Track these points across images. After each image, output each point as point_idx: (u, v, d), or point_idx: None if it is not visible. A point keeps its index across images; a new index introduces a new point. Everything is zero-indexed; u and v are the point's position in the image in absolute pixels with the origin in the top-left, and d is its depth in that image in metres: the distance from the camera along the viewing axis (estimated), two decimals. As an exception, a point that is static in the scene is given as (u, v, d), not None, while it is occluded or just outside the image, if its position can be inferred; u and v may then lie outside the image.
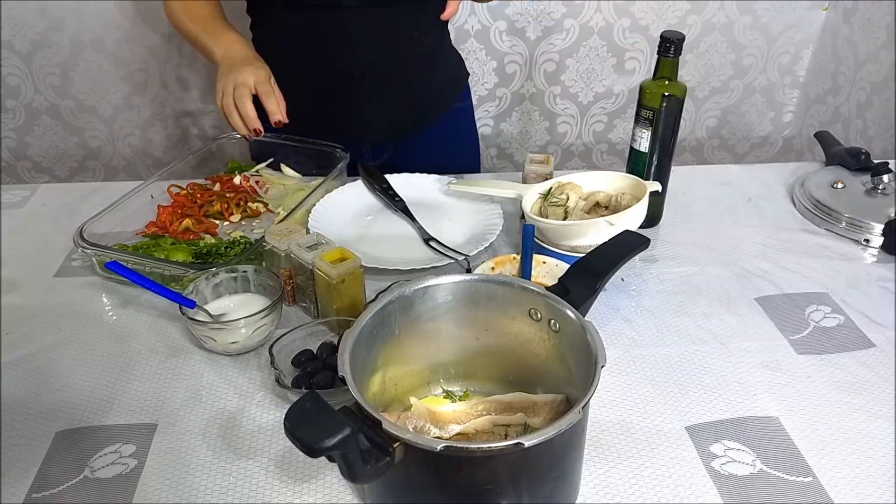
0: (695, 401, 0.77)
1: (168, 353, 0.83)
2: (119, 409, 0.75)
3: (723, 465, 0.69)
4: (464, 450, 0.53)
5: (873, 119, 1.82)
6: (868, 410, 0.75)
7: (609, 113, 2.10)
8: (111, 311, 0.91)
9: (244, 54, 1.11)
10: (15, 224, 1.10)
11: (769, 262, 1.00)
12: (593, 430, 0.72)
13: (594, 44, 1.97)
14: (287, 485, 0.67)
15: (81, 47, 1.86)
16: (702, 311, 0.90)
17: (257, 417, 0.74)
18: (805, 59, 2.12)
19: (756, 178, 1.23)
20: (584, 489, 0.67)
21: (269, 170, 1.19)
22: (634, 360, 0.82)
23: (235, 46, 1.12)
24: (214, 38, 1.14)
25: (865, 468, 0.69)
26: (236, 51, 1.11)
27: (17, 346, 0.84)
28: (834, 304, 0.91)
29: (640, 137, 1.00)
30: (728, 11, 2.00)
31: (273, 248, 0.88)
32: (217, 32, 1.15)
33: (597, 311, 0.89)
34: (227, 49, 1.12)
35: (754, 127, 2.25)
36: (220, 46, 1.12)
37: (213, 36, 1.14)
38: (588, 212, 0.99)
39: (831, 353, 0.83)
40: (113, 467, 0.69)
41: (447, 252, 0.97)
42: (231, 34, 1.15)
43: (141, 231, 1.04)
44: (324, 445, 0.50)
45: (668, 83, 0.96)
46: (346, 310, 0.82)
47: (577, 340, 0.63)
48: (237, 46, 1.12)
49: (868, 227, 1.03)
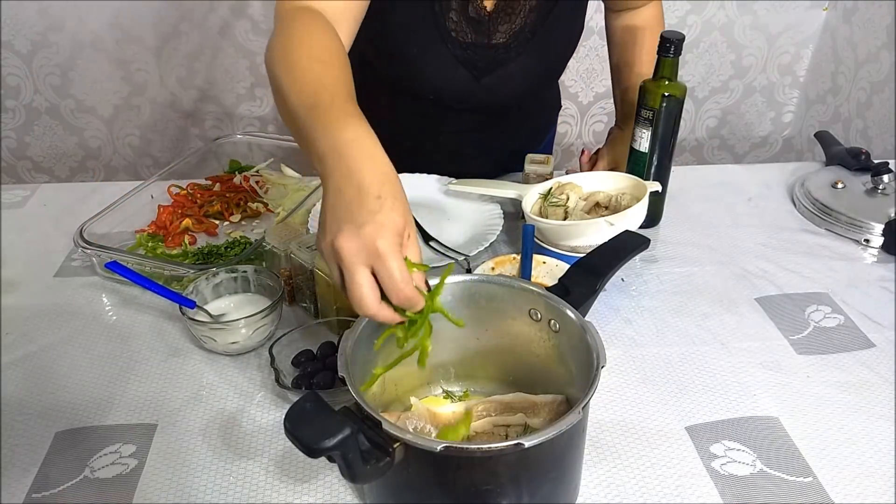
0: (695, 401, 0.77)
1: (168, 353, 0.83)
2: (119, 409, 0.75)
3: (723, 466, 0.69)
4: (464, 450, 0.53)
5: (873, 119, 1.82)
6: (868, 411, 0.75)
7: (609, 113, 2.10)
8: (111, 311, 0.91)
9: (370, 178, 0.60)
10: (15, 224, 1.09)
11: (769, 262, 1.00)
12: (593, 430, 0.72)
13: (594, 44, 1.98)
14: (287, 485, 0.67)
15: (81, 47, 1.86)
16: (702, 311, 0.90)
17: (257, 417, 0.74)
18: (805, 59, 2.12)
19: (756, 178, 1.23)
20: (584, 489, 0.67)
21: (269, 170, 1.19)
22: (634, 360, 0.82)
23: (356, 153, 0.61)
24: (326, 124, 0.64)
25: (865, 468, 0.69)
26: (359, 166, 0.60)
27: (17, 346, 0.84)
28: (834, 304, 0.91)
29: (640, 137, 1.00)
30: (728, 11, 2.00)
31: (273, 248, 0.88)
32: (332, 116, 0.65)
33: (597, 312, 0.89)
34: (340, 158, 0.61)
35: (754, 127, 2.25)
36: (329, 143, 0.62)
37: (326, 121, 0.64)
38: (588, 212, 0.99)
39: (831, 354, 0.83)
40: (113, 467, 0.69)
41: (447, 252, 0.97)
42: (356, 126, 0.63)
43: (141, 230, 1.04)
44: (324, 446, 0.50)
45: (668, 83, 0.96)
46: (346, 310, 0.82)
47: (578, 341, 0.63)
48: (360, 153, 0.61)
49: (868, 227, 1.03)
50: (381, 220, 0.57)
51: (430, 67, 1.04)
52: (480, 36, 1.02)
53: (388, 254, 0.57)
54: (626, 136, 1.07)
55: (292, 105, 0.68)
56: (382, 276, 0.58)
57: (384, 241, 0.57)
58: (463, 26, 1.01)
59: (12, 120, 1.96)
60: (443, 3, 0.99)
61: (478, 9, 1.00)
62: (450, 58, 1.03)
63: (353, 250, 0.57)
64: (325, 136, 0.63)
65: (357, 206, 0.58)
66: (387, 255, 0.57)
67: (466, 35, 1.02)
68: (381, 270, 0.57)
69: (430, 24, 1.00)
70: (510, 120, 1.18)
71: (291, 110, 0.69)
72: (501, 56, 1.04)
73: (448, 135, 1.17)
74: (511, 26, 1.02)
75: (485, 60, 1.04)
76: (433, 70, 1.04)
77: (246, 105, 2.03)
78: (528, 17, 1.02)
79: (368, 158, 0.61)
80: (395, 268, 0.57)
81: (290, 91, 0.69)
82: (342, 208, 0.59)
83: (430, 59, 1.03)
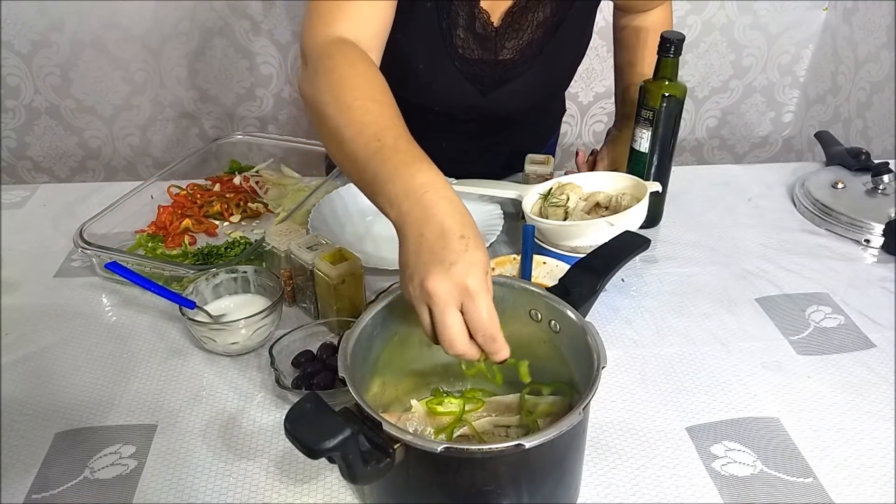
0: (695, 401, 0.77)
1: (168, 353, 0.83)
2: (119, 410, 0.75)
3: (723, 466, 0.69)
4: (464, 451, 0.53)
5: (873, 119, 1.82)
6: (868, 411, 0.75)
7: (609, 113, 2.10)
8: (111, 311, 0.91)
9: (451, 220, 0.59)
10: (15, 224, 1.09)
11: (769, 263, 1.00)
12: (594, 430, 0.72)
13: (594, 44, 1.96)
14: (287, 486, 0.67)
15: (81, 47, 1.86)
16: (702, 311, 0.90)
17: (257, 418, 0.74)
18: (805, 59, 2.12)
19: (756, 178, 1.23)
20: (584, 490, 0.66)
21: (269, 170, 1.19)
22: (635, 360, 0.82)
23: (432, 196, 0.60)
24: (396, 169, 0.63)
25: (866, 469, 0.69)
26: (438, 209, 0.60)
27: (17, 347, 0.84)
28: (834, 304, 0.91)
29: (641, 138, 1.00)
30: (728, 11, 2.00)
31: (273, 248, 0.88)
32: (401, 161, 0.63)
33: (597, 312, 0.89)
34: (417, 203, 0.60)
35: (754, 127, 2.25)
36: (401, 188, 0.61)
37: (395, 165, 0.63)
38: (588, 212, 0.99)
39: (832, 354, 0.83)
40: (113, 468, 0.69)
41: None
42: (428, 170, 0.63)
43: (141, 230, 1.04)
44: (324, 447, 0.50)
45: (668, 83, 0.96)
46: (346, 310, 0.82)
47: (578, 341, 0.63)
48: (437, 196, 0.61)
49: (868, 228, 1.03)
50: (469, 259, 0.57)
51: (436, 83, 1.04)
52: (487, 52, 1.02)
53: (479, 292, 0.57)
54: (626, 136, 1.06)
55: (351, 149, 0.67)
56: (472, 314, 0.58)
57: (474, 279, 0.57)
58: (470, 42, 1.00)
59: (12, 120, 1.96)
60: (449, 20, 0.98)
61: (485, 25, 0.99)
62: (456, 74, 1.02)
63: (446, 290, 0.57)
64: (397, 181, 0.62)
65: (441, 248, 0.58)
66: (477, 293, 0.57)
67: (473, 51, 1.01)
68: (471, 310, 0.57)
69: (437, 40, 0.99)
70: (514, 129, 1.18)
71: (351, 154, 0.67)
72: (509, 72, 1.04)
73: (451, 141, 1.16)
74: (518, 42, 1.02)
75: (491, 76, 1.04)
76: (439, 85, 1.04)
77: (246, 105, 2.03)
78: (536, 32, 1.01)
79: (446, 201, 0.60)
80: (485, 306, 0.57)
81: (348, 134, 0.67)
82: (426, 252, 0.58)
83: (437, 75, 1.03)
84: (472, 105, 1.06)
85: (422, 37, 0.99)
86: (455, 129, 1.14)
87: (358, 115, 0.68)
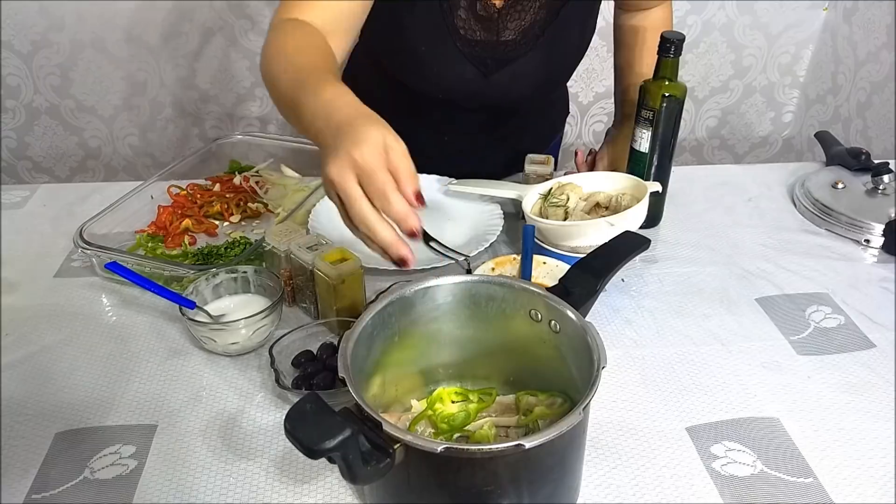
0: (695, 401, 0.77)
1: (168, 353, 0.83)
2: (119, 410, 0.75)
3: (723, 466, 0.69)
4: (464, 451, 0.53)
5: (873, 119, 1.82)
6: (869, 411, 0.75)
7: (609, 113, 2.10)
8: (111, 311, 0.91)
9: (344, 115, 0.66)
10: (15, 224, 1.09)
11: (769, 263, 1.00)
12: (594, 430, 0.72)
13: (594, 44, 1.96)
14: (287, 486, 0.67)
15: (81, 47, 1.86)
16: (702, 311, 0.90)
17: (257, 418, 0.74)
18: (805, 59, 2.12)
19: (756, 178, 1.23)
20: (584, 490, 0.66)
21: (269, 170, 1.19)
22: (635, 360, 0.82)
23: (338, 103, 0.68)
24: (310, 93, 0.70)
25: (866, 469, 0.69)
26: (342, 106, 0.67)
27: (17, 347, 0.84)
28: (834, 304, 0.91)
29: (641, 138, 1.00)
30: (728, 11, 2.00)
31: (273, 248, 0.88)
32: (317, 84, 0.71)
33: (597, 312, 0.89)
34: (327, 116, 0.67)
35: (754, 127, 2.25)
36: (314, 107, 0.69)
37: (309, 88, 0.71)
38: (588, 212, 0.99)
39: (832, 354, 0.83)
40: (113, 468, 0.69)
41: (447, 253, 0.97)
42: (336, 87, 0.70)
43: (141, 230, 1.04)
44: (324, 447, 0.50)
45: (668, 83, 0.96)
46: (346, 310, 0.82)
47: (578, 341, 0.63)
48: (340, 102, 0.68)
49: (868, 228, 1.03)
50: (355, 138, 0.60)
51: (438, 65, 1.04)
52: (489, 33, 1.02)
53: (371, 166, 0.59)
54: (626, 136, 1.06)
55: (283, 89, 0.74)
56: (370, 191, 0.59)
57: (361, 153, 0.59)
58: (471, 24, 1.01)
59: (12, 120, 1.96)
60: (450, 2, 0.99)
61: (486, 5, 1.00)
62: (458, 55, 1.03)
63: (337, 171, 0.59)
64: (311, 102, 0.69)
65: (333, 138, 0.63)
66: (369, 167, 0.59)
67: (475, 33, 1.02)
68: (368, 186, 0.59)
69: (439, 22, 1.00)
70: (517, 121, 1.18)
71: (283, 93, 0.74)
72: (511, 53, 1.04)
73: (454, 135, 1.16)
74: (521, 23, 1.02)
75: (493, 58, 1.04)
76: (441, 67, 1.04)
77: (246, 105, 2.03)
78: (538, 13, 1.02)
79: (345, 105, 0.66)
80: (381, 179, 0.58)
81: (280, 78, 0.76)
82: (325, 150, 0.63)
83: (438, 57, 1.03)
84: (475, 88, 1.06)
85: (423, 18, 1.00)
86: (456, 120, 1.14)
87: (287, 60, 0.77)
